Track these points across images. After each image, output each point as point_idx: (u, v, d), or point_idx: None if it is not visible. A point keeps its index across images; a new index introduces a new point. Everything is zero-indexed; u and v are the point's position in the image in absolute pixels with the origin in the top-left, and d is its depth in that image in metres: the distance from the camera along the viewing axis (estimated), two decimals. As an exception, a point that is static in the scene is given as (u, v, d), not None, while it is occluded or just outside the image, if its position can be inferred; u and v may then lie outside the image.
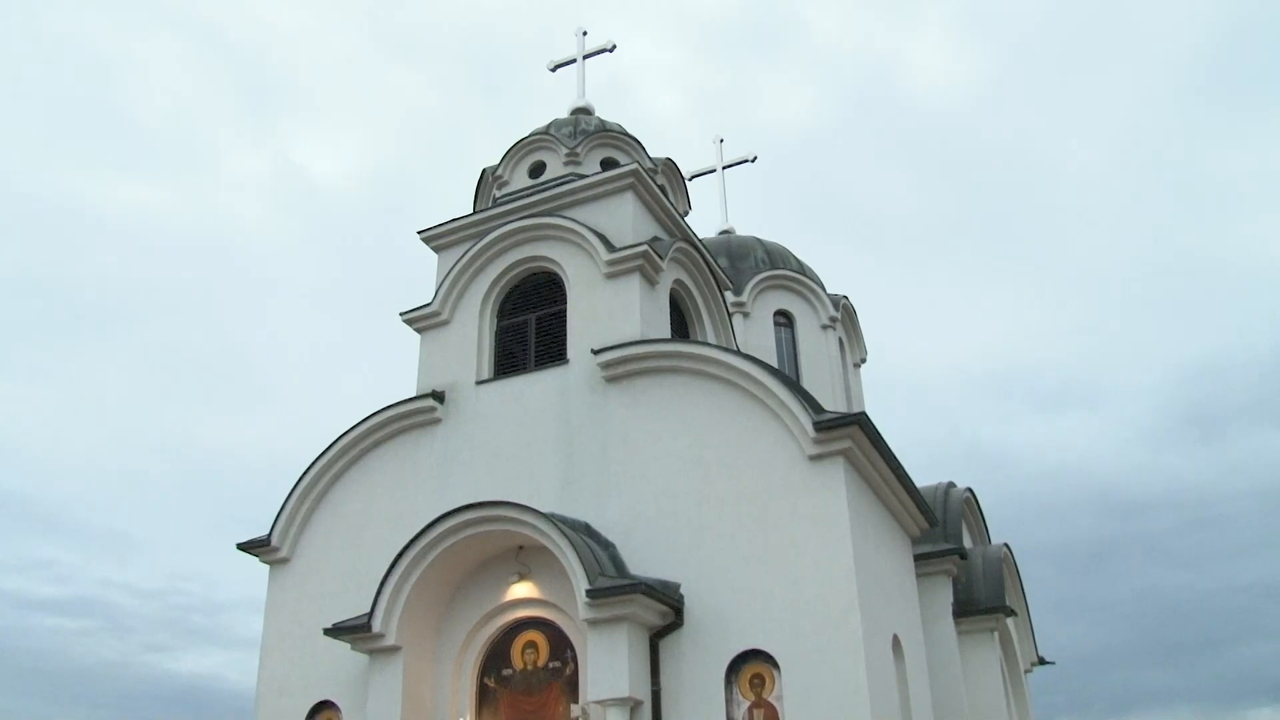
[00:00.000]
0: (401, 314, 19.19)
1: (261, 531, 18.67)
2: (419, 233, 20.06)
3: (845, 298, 26.30)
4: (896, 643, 16.15)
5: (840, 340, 25.91)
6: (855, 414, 15.28)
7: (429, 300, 19.07)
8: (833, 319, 25.53)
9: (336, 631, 16.19)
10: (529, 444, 17.05)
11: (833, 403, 23.61)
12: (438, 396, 17.97)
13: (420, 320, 19.05)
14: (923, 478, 19.73)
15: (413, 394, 18.39)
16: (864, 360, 26.99)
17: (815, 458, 14.94)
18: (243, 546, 18.93)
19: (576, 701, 15.20)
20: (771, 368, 16.02)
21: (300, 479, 18.53)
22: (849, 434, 14.87)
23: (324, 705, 17.25)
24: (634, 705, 14.37)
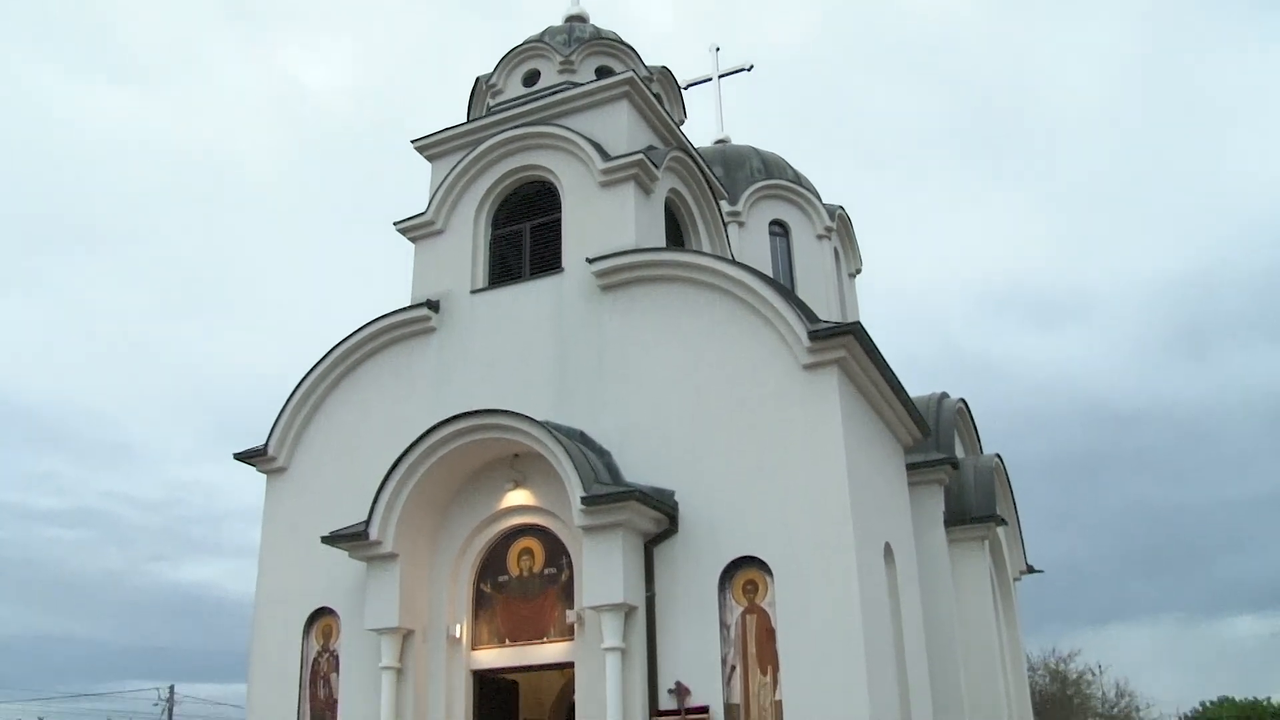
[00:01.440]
0: (395, 223, 19.07)
1: (259, 442, 18.77)
2: (413, 142, 19.85)
3: (841, 208, 26.12)
4: (888, 550, 16.34)
5: (835, 250, 25.80)
6: (850, 323, 15.28)
7: (423, 210, 18.93)
8: (828, 229, 25.39)
9: (334, 539, 16.36)
10: (524, 352, 17.06)
11: (827, 313, 23.57)
12: (432, 306, 17.93)
13: (414, 229, 18.93)
14: (916, 389, 19.82)
15: (407, 304, 18.36)
16: (859, 271, 26.92)
17: (810, 367, 14.96)
18: (240, 456, 19.04)
19: (572, 607, 15.41)
20: (766, 277, 15.97)
21: (296, 388, 18.57)
22: (843, 343, 14.88)
23: (322, 612, 17.51)
24: (629, 611, 14.58)
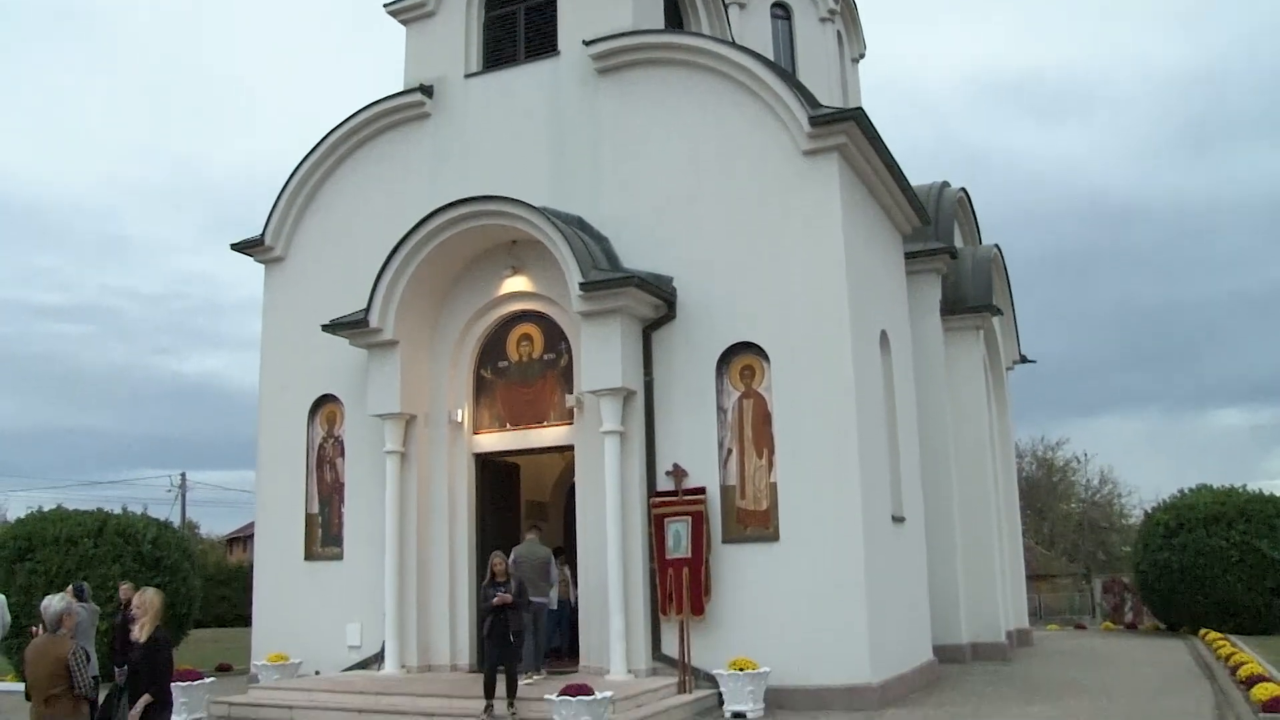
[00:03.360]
0: (386, 5, 18.44)
1: (257, 233, 18.67)
2: (401, -81, 19.00)
3: (845, -11, 25.26)
4: (883, 338, 16.49)
5: (839, 34, 25.05)
6: (851, 109, 15.00)
7: (415, -10, 18.26)
8: (831, 11, 24.57)
9: (334, 327, 16.46)
10: (520, 137, 16.76)
11: (829, 98, 23.05)
12: (426, 90, 17.51)
13: (405, 11, 18.26)
14: (916, 179, 19.61)
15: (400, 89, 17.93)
16: (862, 56, 26.21)
17: (810, 153, 14.73)
18: (237, 246, 18.99)
19: (571, 392, 15.63)
20: (767, 60, 15.57)
21: (291, 176, 18.35)
22: (844, 129, 14.61)
23: (326, 398, 17.80)
24: (627, 395, 14.79)
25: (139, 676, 7.84)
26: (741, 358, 14.81)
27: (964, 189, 23.07)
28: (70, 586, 12.81)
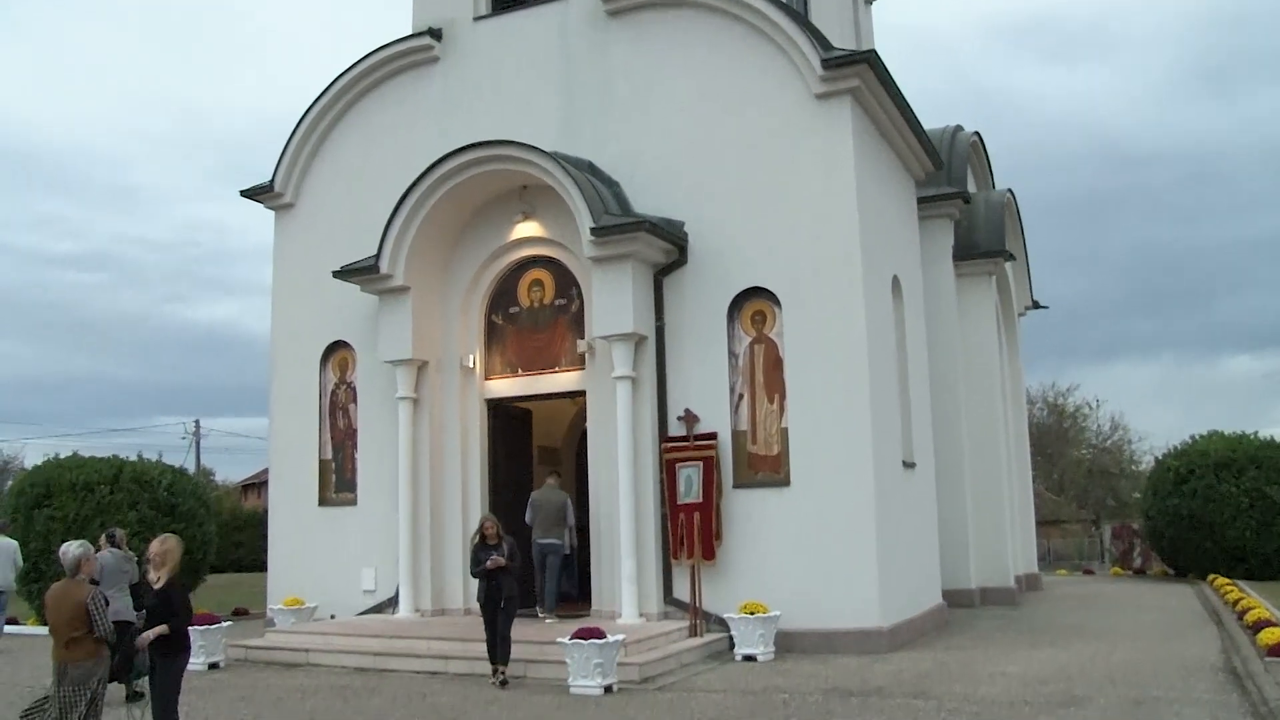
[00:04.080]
0: (393, -53, 18.25)
1: (266, 179, 18.61)
2: None
3: (858, -70, 24.85)
4: (895, 283, 16.43)
5: (852, -26, 24.70)
6: (864, 51, 14.85)
7: (421, -68, 18.04)
8: (845, -46, 24.22)
9: (345, 273, 16.47)
10: (529, 81, 16.61)
11: (841, 41, 22.64)
12: (434, 34, 17.33)
13: (413, -46, 18.09)
14: (930, 123, 19.42)
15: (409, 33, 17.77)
16: (876, -3, 25.87)
17: (822, 96, 14.60)
18: (246, 193, 18.94)
19: (583, 337, 15.64)
20: (779, 2, 15.33)
21: (299, 122, 18.25)
22: (857, 72, 14.47)
23: (338, 345, 17.83)
24: (638, 340, 14.79)
25: (155, 621, 7.93)
26: (753, 303, 14.77)
27: (977, 133, 22.85)
28: (104, 534, 12.83)
